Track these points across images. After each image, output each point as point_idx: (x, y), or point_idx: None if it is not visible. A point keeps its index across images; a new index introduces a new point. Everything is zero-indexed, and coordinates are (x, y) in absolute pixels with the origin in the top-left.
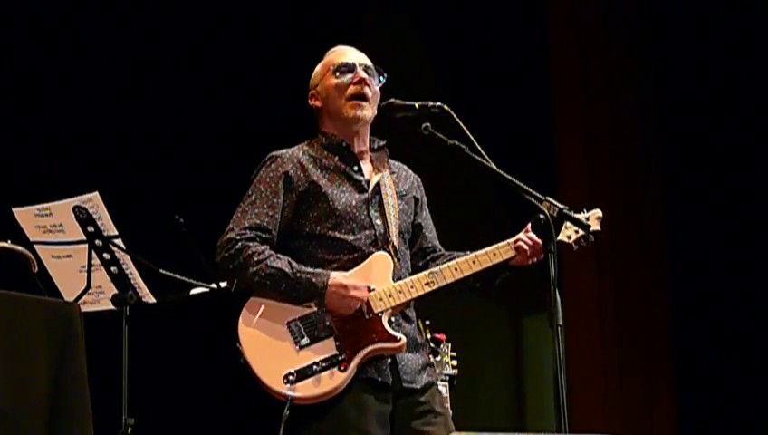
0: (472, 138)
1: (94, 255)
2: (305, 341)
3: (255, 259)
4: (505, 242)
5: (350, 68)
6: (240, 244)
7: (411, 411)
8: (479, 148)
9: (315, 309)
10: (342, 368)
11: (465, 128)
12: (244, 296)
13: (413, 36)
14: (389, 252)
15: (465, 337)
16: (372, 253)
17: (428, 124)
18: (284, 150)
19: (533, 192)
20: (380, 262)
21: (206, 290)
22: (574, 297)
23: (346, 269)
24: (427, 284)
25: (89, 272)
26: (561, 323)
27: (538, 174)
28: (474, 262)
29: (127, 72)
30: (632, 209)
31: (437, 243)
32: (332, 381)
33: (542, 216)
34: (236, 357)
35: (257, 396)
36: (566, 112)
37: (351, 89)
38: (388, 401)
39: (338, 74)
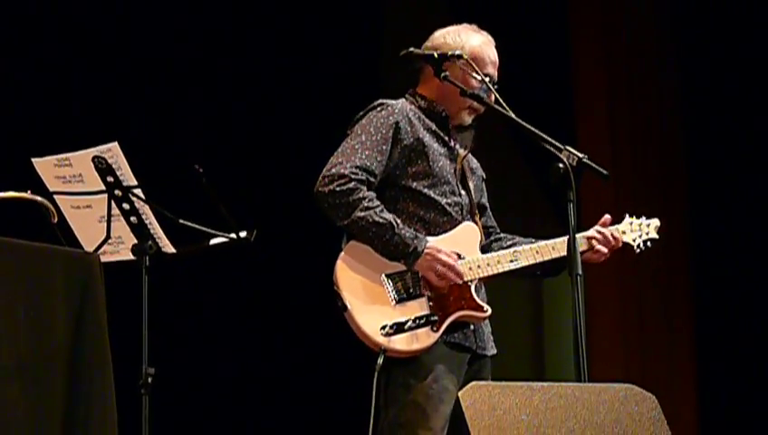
0: (490, 87)
1: (114, 205)
2: (401, 296)
3: (365, 204)
4: (581, 234)
5: (488, 85)
6: (353, 183)
7: (480, 377)
8: (498, 97)
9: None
10: (435, 328)
11: (482, 77)
12: (264, 247)
13: None
14: (476, 223)
15: (484, 287)
16: (460, 221)
17: (447, 73)
18: (393, 102)
19: (552, 141)
20: (470, 232)
21: (226, 240)
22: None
23: (434, 230)
24: (511, 261)
25: (108, 222)
26: (580, 271)
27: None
28: (553, 248)
29: (147, 19)
30: (652, 149)
31: (496, 224)
32: (427, 339)
33: (560, 164)
34: (334, 300)
35: (276, 345)
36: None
37: (477, 105)
38: (465, 363)
39: (477, 83)
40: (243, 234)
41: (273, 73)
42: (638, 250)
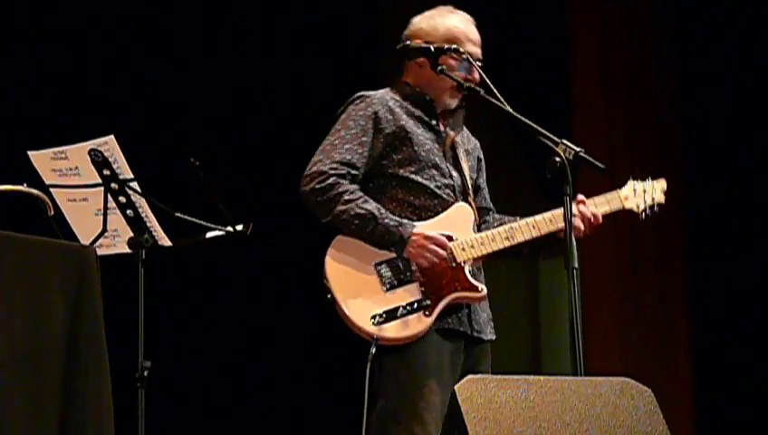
0: (487, 80)
1: (110, 198)
2: (392, 283)
3: (346, 198)
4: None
5: (469, 63)
6: (333, 178)
7: (477, 360)
8: (495, 90)
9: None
10: (427, 313)
11: (480, 70)
12: (260, 240)
13: None
14: (470, 204)
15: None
16: (452, 202)
17: (444, 66)
18: (372, 92)
19: (549, 135)
20: (462, 212)
21: (222, 233)
22: (590, 239)
23: (426, 214)
24: (506, 238)
25: (105, 215)
26: (576, 265)
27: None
28: (550, 220)
29: (144, 12)
30: (649, 145)
31: (492, 205)
32: (419, 324)
33: (557, 158)
34: (323, 294)
35: (271, 337)
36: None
37: (460, 85)
38: (461, 350)
39: (456, 62)
40: (239, 227)
41: (270, 67)
42: (644, 216)
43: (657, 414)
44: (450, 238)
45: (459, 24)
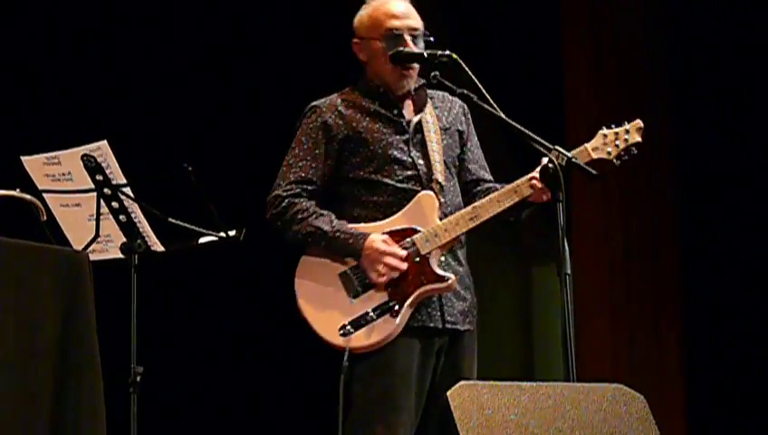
0: (480, 86)
1: (103, 203)
2: (356, 291)
3: (299, 217)
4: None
5: (396, 39)
6: (286, 201)
7: (458, 353)
8: (488, 97)
9: None
10: (394, 314)
11: (473, 76)
12: (253, 245)
13: None
14: (434, 190)
15: (473, 286)
16: (417, 193)
17: (437, 73)
18: (323, 99)
19: (542, 141)
20: (425, 202)
21: (215, 239)
22: (583, 246)
23: (391, 211)
24: (471, 219)
25: (97, 220)
26: (569, 271)
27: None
28: (514, 191)
29: (136, 17)
30: (642, 159)
31: (484, 174)
32: (386, 328)
33: (550, 165)
34: (295, 314)
35: (265, 343)
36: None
37: (406, 66)
38: (433, 348)
39: (384, 41)
40: (232, 233)
41: (263, 72)
42: (618, 162)
43: (650, 421)
44: (415, 231)
45: (379, 6)
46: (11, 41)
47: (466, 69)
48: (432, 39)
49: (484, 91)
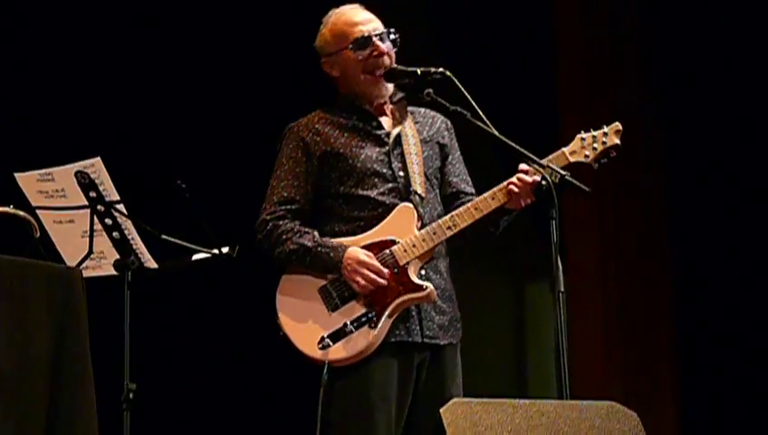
0: (474, 104)
1: (96, 220)
2: (335, 303)
3: (283, 237)
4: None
5: (365, 42)
6: (270, 224)
7: (441, 367)
8: (481, 114)
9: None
10: (372, 325)
11: (466, 94)
12: (246, 262)
13: None
14: (413, 202)
15: (466, 303)
16: (397, 205)
17: (431, 90)
18: (301, 119)
19: (535, 158)
20: (403, 214)
21: (208, 255)
22: (576, 263)
23: (372, 224)
24: (449, 227)
25: (91, 237)
26: (562, 289)
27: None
28: (492, 197)
29: (130, 34)
30: (635, 174)
31: (465, 187)
32: (365, 339)
33: (543, 182)
34: (276, 331)
35: (257, 361)
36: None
37: (370, 64)
38: (413, 363)
39: (353, 49)
40: (225, 249)
41: (258, 90)
42: (597, 165)
43: None
44: (393, 242)
45: (340, 17)
46: (4, 58)
47: (460, 86)
48: (398, 36)
49: (477, 108)
